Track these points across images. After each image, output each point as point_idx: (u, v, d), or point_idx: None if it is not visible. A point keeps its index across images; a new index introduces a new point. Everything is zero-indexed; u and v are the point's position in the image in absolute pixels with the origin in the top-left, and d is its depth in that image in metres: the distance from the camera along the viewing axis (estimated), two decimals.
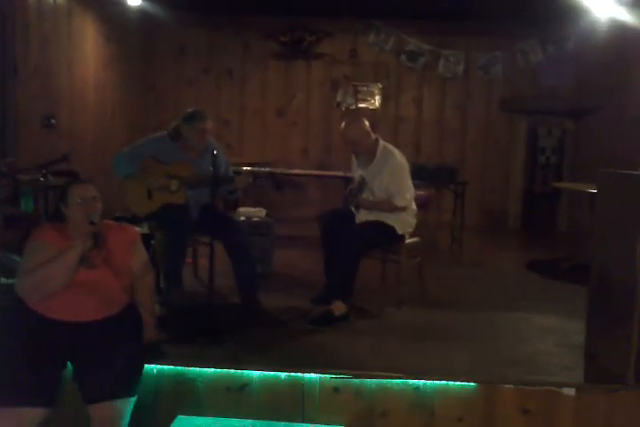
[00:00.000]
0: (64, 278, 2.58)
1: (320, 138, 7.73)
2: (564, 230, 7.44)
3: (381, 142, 3.78)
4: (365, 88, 7.69)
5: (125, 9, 6.39)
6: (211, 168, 3.78)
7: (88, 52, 6.12)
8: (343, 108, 7.66)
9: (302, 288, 4.09)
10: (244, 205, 6.75)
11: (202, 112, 3.82)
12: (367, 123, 3.76)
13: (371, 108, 7.69)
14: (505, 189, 7.73)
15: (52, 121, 5.41)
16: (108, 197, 3.02)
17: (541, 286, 4.66)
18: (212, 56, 7.75)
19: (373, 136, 3.77)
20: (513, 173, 7.71)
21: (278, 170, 6.24)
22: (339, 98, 7.70)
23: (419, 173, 5.92)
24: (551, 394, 2.73)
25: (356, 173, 3.92)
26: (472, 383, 2.74)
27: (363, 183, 3.79)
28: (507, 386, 2.74)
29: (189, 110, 3.82)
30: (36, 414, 2.48)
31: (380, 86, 7.69)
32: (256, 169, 3.88)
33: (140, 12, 6.54)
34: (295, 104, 7.76)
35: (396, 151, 3.78)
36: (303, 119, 7.85)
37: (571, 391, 2.72)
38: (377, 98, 7.70)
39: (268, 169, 3.90)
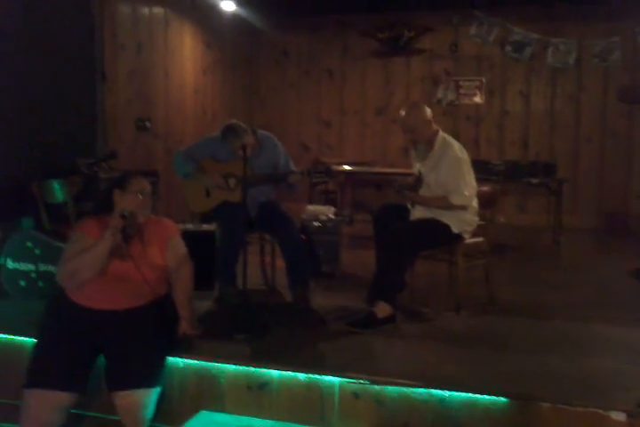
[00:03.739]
0: (94, 268, 2.70)
1: None
2: None
3: (441, 133, 3.55)
4: (468, 83, 7.32)
5: (222, 15, 6.62)
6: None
7: (186, 57, 6.40)
8: (444, 105, 7.37)
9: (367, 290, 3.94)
10: (341, 205, 6.73)
11: (236, 129, 3.69)
12: (429, 111, 3.53)
13: (474, 103, 7.33)
14: (625, 188, 6.97)
15: (147, 124, 5.71)
16: None
17: None
18: (313, 57, 7.80)
19: (434, 127, 3.54)
20: (634, 170, 6.94)
21: (349, 168, 6.11)
22: (439, 94, 7.41)
23: (509, 170, 5.54)
24: (596, 417, 2.37)
25: (414, 166, 3.71)
26: (503, 398, 2.46)
27: (419, 178, 3.58)
28: (544, 404, 2.42)
29: (227, 123, 3.76)
30: (67, 398, 2.59)
31: (484, 80, 7.29)
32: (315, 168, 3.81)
33: (237, 18, 6.74)
34: (395, 102, 7.58)
35: (456, 144, 3.52)
36: None
37: (620, 416, 2.34)
38: (480, 93, 7.30)
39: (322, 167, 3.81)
